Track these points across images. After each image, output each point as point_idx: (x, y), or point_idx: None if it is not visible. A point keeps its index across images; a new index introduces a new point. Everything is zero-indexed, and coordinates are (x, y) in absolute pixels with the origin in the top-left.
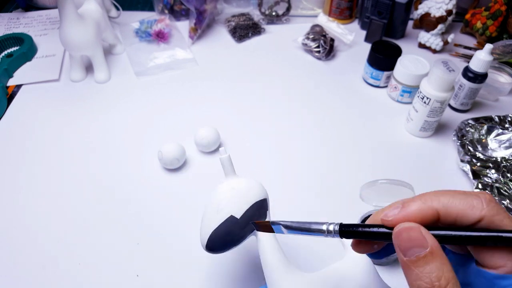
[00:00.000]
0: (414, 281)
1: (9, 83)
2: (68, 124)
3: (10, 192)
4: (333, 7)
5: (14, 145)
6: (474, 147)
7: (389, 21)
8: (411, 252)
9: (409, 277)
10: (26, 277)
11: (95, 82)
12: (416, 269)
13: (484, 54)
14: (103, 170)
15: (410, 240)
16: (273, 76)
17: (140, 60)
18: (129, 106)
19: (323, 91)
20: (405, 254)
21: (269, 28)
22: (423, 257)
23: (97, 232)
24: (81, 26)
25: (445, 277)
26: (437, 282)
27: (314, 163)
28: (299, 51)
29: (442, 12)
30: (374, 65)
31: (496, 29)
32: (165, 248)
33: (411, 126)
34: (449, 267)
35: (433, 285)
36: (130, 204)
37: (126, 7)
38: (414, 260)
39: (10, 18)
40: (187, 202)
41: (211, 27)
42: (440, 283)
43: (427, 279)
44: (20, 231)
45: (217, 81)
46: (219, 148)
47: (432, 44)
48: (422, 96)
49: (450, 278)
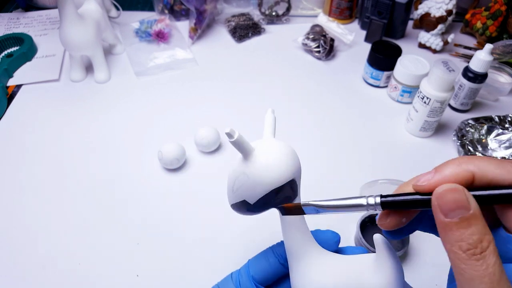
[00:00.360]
0: (455, 242)
1: (9, 83)
2: (68, 124)
3: (10, 192)
4: (333, 7)
5: (14, 145)
6: (474, 147)
7: (389, 21)
8: (454, 213)
9: (450, 239)
10: (26, 277)
11: (95, 82)
12: (459, 231)
13: (484, 54)
14: (103, 170)
15: (454, 202)
16: (273, 76)
17: (140, 60)
18: (129, 106)
19: (323, 91)
20: (447, 215)
21: (269, 28)
22: (467, 218)
23: (97, 232)
24: (81, 26)
25: (486, 239)
26: (480, 243)
27: (314, 163)
28: (299, 51)
29: (442, 12)
30: (374, 65)
31: (496, 29)
32: (165, 248)
33: (411, 126)
34: (489, 231)
35: (475, 247)
36: (130, 204)
37: (126, 7)
38: (456, 222)
39: (10, 18)
40: (187, 202)
41: (211, 27)
42: (482, 245)
43: (470, 240)
44: (20, 231)
45: (217, 81)
46: (225, 133)
47: (432, 44)
48: (422, 96)
49: (490, 240)
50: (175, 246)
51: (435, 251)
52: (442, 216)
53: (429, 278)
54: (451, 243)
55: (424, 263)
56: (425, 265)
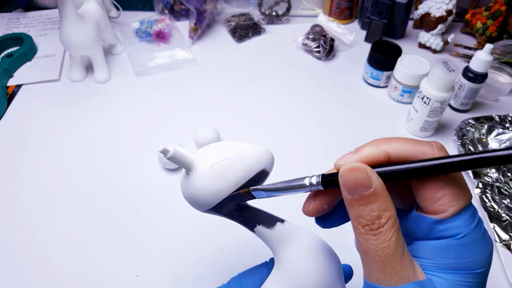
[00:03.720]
0: (356, 218)
1: (9, 83)
2: (68, 124)
3: (10, 192)
4: (333, 7)
5: (14, 145)
6: (474, 147)
7: (389, 21)
8: (355, 191)
9: (352, 214)
10: (26, 277)
11: (95, 82)
12: (359, 208)
13: (484, 54)
14: (103, 170)
15: (355, 180)
16: (273, 76)
17: (140, 60)
18: (129, 106)
19: (323, 91)
20: (350, 192)
21: (269, 28)
22: (367, 196)
23: (97, 232)
24: (81, 26)
25: (385, 215)
26: (377, 220)
27: (314, 163)
28: (299, 51)
29: (442, 12)
30: (374, 65)
31: (496, 29)
32: (165, 248)
33: (411, 126)
34: (391, 207)
35: (373, 222)
36: (130, 204)
37: (126, 7)
38: (357, 199)
39: (10, 18)
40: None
41: (211, 27)
42: (380, 221)
43: (369, 217)
44: (20, 231)
45: (217, 81)
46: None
47: (432, 44)
48: (422, 96)
49: (389, 216)
50: (175, 246)
51: None
52: (346, 193)
53: None
54: (352, 219)
55: None
56: None
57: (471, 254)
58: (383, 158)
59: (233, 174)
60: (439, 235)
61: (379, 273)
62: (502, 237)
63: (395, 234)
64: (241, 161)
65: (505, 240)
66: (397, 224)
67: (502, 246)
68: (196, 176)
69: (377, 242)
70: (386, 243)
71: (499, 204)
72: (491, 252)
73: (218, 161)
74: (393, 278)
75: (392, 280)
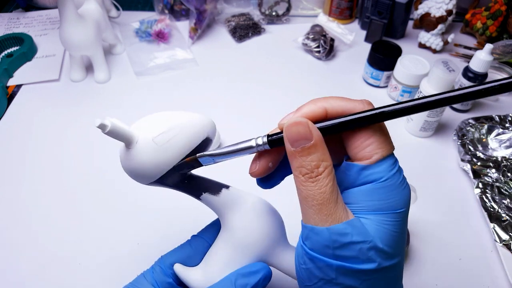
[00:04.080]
0: (297, 168)
1: (9, 83)
2: (68, 124)
3: (10, 192)
4: (333, 7)
5: (14, 145)
6: (474, 147)
7: (389, 21)
8: (298, 143)
9: (294, 164)
10: (26, 277)
11: (95, 82)
12: (300, 158)
13: (484, 54)
14: (103, 170)
15: (298, 133)
16: (273, 76)
17: (140, 60)
18: (129, 106)
19: (323, 91)
20: (293, 145)
21: (269, 28)
22: (307, 148)
23: (97, 232)
24: (81, 26)
25: (323, 165)
26: (316, 169)
27: None
28: (299, 51)
29: (442, 12)
30: (374, 65)
31: (496, 29)
32: (165, 248)
33: (411, 126)
34: (327, 158)
35: (312, 171)
36: (130, 204)
37: (126, 7)
38: (299, 151)
39: (10, 18)
40: (187, 202)
41: (211, 27)
42: (318, 170)
43: (309, 166)
44: (20, 230)
45: (217, 81)
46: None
47: (432, 44)
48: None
49: (326, 166)
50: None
51: (435, 251)
52: (290, 146)
53: (429, 278)
54: (294, 169)
55: (424, 263)
56: (425, 265)
57: (392, 196)
58: (321, 114)
59: (176, 146)
60: (365, 180)
61: (316, 215)
62: (502, 237)
63: (331, 181)
64: (184, 131)
65: (505, 240)
66: (333, 173)
67: (502, 246)
68: (137, 150)
69: (315, 188)
70: (323, 188)
71: (499, 204)
72: (409, 195)
73: (159, 133)
74: (328, 220)
75: (327, 221)
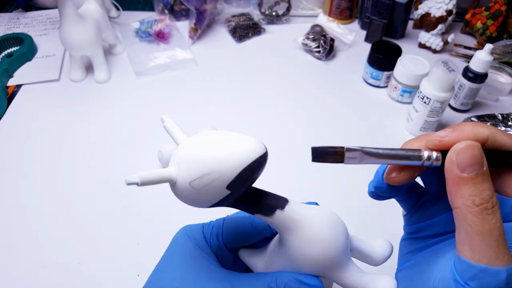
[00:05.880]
0: (469, 197)
1: (9, 83)
2: (68, 124)
3: (10, 192)
4: (333, 7)
5: (14, 145)
6: None
7: (389, 21)
8: (471, 169)
9: (463, 193)
10: (26, 277)
11: (95, 82)
12: (474, 186)
13: (484, 54)
14: (103, 170)
15: (473, 157)
16: (273, 76)
17: (140, 60)
18: (129, 106)
19: (323, 91)
20: (464, 170)
21: (269, 28)
22: (481, 174)
23: (97, 232)
24: (81, 26)
25: (495, 195)
26: (491, 199)
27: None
28: (299, 51)
29: (442, 12)
30: (374, 65)
31: (496, 29)
32: (165, 248)
33: (411, 126)
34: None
35: (488, 201)
36: (130, 204)
37: (126, 7)
38: (472, 177)
39: (10, 18)
40: None
41: (211, 27)
42: (493, 200)
43: (483, 195)
44: (20, 231)
45: (217, 81)
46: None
47: (432, 44)
48: (422, 96)
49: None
50: None
51: None
52: (459, 171)
53: None
54: (464, 197)
55: None
56: None
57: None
58: (483, 139)
59: (214, 190)
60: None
61: (493, 253)
62: None
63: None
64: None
65: None
66: None
67: None
68: (178, 190)
69: (493, 221)
70: (499, 222)
71: None
72: None
73: (196, 178)
74: (504, 258)
75: (504, 259)
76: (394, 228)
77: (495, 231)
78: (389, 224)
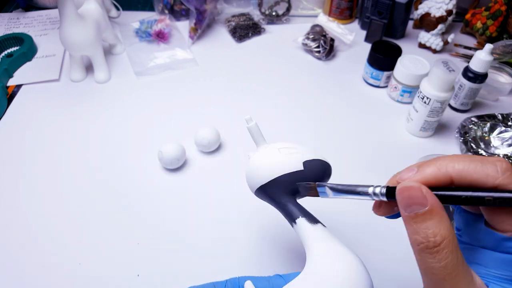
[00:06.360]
0: (411, 235)
1: (9, 83)
2: (68, 124)
3: (10, 192)
4: (333, 7)
5: (14, 145)
6: (477, 145)
7: (389, 21)
8: (411, 208)
9: (408, 231)
10: (26, 277)
11: (95, 82)
12: (415, 225)
13: (484, 54)
14: (103, 170)
15: (410, 198)
16: (273, 76)
17: (140, 60)
18: (129, 106)
19: (323, 91)
20: (405, 210)
21: (269, 28)
22: (422, 214)
23: (97, 232)
24: (81, 26)
25: (441, 234)
26: (433, 238)
27: None
28: (299, 51)
29: (442, 12)
30: (374, 65)
31: (496, 29)
32: (165, 247)
33: (411, 126)
34: (447, 226)
35: (428, 240)
36: (130, 204)
37: (126, 7)
38: (413, 216)
39: (10, 18)
40: (187, 202)
41: (211, 27)
42: (435, 239)
43: (423, 234)
44: (20, 231)
45: (217, 81)
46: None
47: (432, 44)
48: (422, 96)
49: (446, 235)
50: (175, 246)
51: None
52: (403, 210)
53: None
54: (409, 235)
55: None
56: None
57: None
58: (445, 181)
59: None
60: (507, 250)
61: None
62: None
63: (452, 253)
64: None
65: None
66: (454, 243)
67: None
68: (263, 151)
69: (434, 261)
70: (443, 262)
71: None
72: None
73: (284, 147)
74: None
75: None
76: None
77: (437, 270)
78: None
